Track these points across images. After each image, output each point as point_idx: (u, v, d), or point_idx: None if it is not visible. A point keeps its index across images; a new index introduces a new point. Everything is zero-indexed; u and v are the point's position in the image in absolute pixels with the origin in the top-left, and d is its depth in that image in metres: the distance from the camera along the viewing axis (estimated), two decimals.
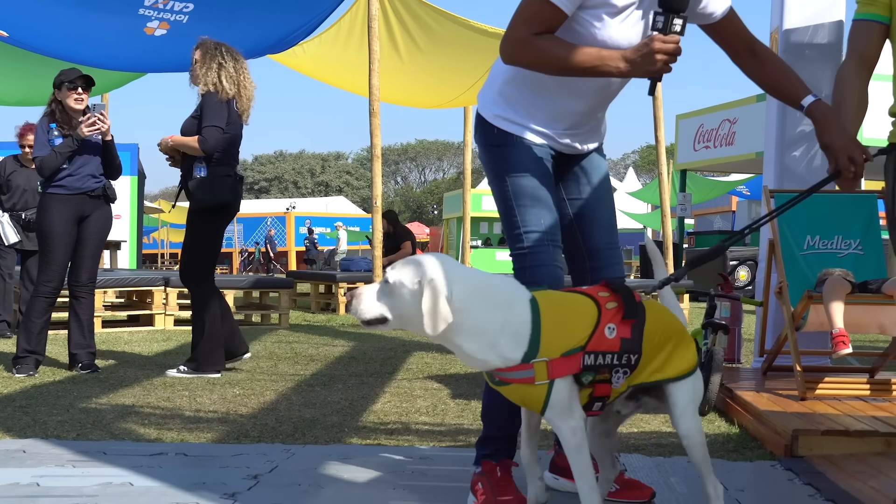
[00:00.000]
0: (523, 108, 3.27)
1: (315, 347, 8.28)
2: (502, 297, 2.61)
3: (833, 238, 5.50)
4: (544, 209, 3.24)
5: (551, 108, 3.26)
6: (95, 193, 6.65)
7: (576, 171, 3.43)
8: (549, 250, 3.22)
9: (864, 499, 3.24)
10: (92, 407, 5.14)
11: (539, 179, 3.25)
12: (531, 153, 3.27)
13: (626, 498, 3.25)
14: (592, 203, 3.42)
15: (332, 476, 3.60)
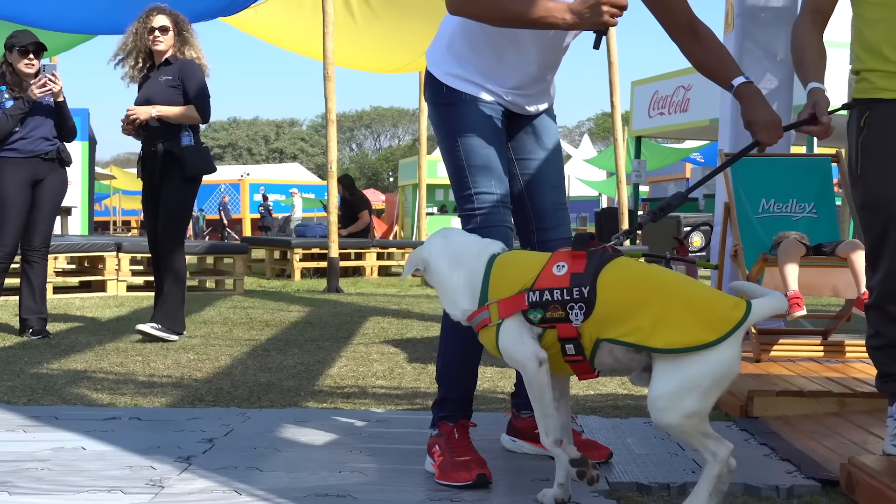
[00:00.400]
0: (472, 64, 3.24)
1: (270, 313, 8.23)
2: (467, 259, 2.82)
3: (788, 201, 5.53)
4: (494, 170, 3.23)
5: (500, 64, 3.23)
6: (49, 156, 6.54)
7: (525, 132, 3.40)
8: (500, 211, 3.23)
9: (818, 458, 3.27)
10: (43, 372, 5.07)
11: (489, 139, 3.24)
12: (481, 112, 3.25)
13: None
14: (541, 164, 3.40)
15: (289, 439, 3.58)
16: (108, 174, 35.86)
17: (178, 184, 6.38)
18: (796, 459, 3.27)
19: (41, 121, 6.50)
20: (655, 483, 3.00)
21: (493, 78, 3.25)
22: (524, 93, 3.31)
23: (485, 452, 3.14)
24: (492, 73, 3.25)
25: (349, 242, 13.05)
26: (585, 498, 2.86)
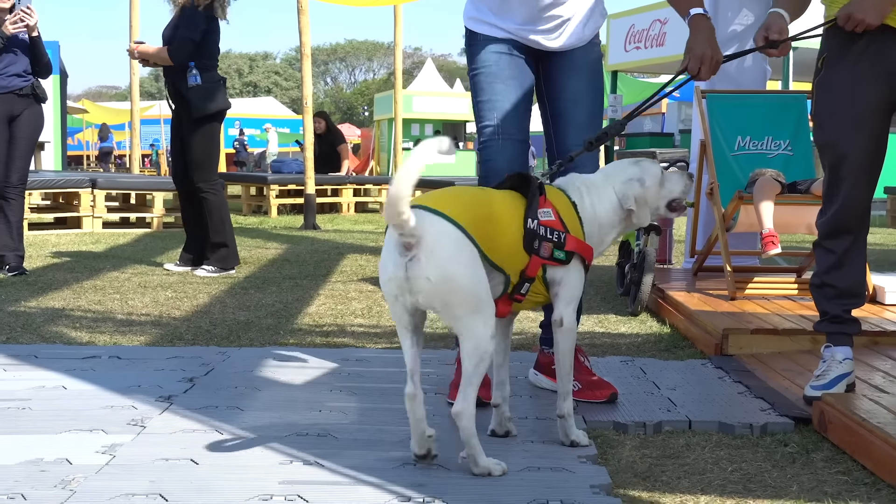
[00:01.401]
0: (484, 3, 3.42)
1: (248, 250, 8.21)
2: None
3: (763, 139, 5.55)
4: (497, 104, 3.37)
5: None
6: (24, 92, 6.50)
7: (555, 70, 3.50)
8: (499, 143, 3.37)
9: (791, 397, 3.31)
10: (21, 310, 5.06)
11: (498, 76, 3.39)
12: (493, 50, 3.40)
13: (588, 398, 3.31)
14: (567, 104, 3.48)
15: (269, 378, 3.59)
16: (80, 108, 35.43)
17: (192, 123, 6.59)
18: (770, 398, 3.32)
19: (15, 57, 6.45)
20: (631, 421, 3.04)
21: (503, 15, 3.39)
22: (537, 27, 3.39)
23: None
24: (500, 9, 3.39)
25: (325, 179, 12.99)
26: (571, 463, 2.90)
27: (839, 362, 3.24)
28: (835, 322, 3.30)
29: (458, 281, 2.46)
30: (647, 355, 4.17)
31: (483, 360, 2.50)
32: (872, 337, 4.04)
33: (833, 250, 3.26)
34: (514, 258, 2.66)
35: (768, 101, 5.66)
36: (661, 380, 3.62)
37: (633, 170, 2.92)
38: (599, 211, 2.84)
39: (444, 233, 2.47)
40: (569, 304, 2.78)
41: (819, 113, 3.28)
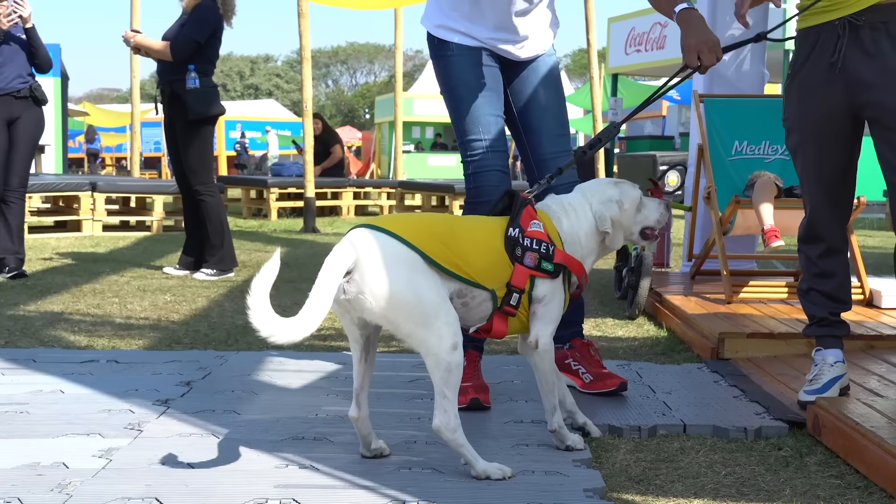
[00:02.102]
0: (455, 10, 3.39)
1: (247, 253, 8.23)
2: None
3: (760, 143, 5.56)
4: (482, 118, 3.38)
5: (470, 3, 3.36)
6: (22, 94, 6.46)
7: (521, 80, 3.53)
8: (489, 156, 3.39)
9: (786, 401, 3.33)
10: (20, 314, 5.07)
11: (477, 87, 3.38)
12: (469, 61, 3.39)
13: (599, 388, 3.41)
14: (538, 113, 3.52)
15: (266, 382, 3.61)
16: (81, 110, 35.47)
17: (186, 126, 6.51)
18: (765, 401, 3.34)
19: (12, 56, 6.40)
20: (626, 425, 3.06)
21: (475, 22, 3.38)
22: (509, 36, 3.41)
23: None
24: (472, 16, 3.38)
25: (325, 182, 13.00)
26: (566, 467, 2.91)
27: (830, 365, 3.26)
28: (823, 325, 3.33)
29: (396, 296, 2.46)
30: (644, 359, 4.19)
31: (450, 372, 2.50)
32: (868, 341, 4.06)
33: (809, 256, 3.32)
34: (497, 270, 2.67)
35: (766, 105, 5.67)
36: (657, 384, 3.63)
37: (612, 191, 2.92)
38: (579, 232, 2.85)
39: (380, 248, 2.48)
40: (547, 325, 2.78)
41: (785, 118, 3.32)
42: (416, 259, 2.51)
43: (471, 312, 2.71)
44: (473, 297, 2.65)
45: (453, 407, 2.53)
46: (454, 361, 2.50)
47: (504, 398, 3.41)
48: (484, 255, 2.65)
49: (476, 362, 3.43)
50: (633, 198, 2.93)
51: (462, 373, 2.56)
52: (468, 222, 2.75)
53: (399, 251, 2.49)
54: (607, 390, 3.40)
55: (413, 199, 12.99)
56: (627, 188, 2.95)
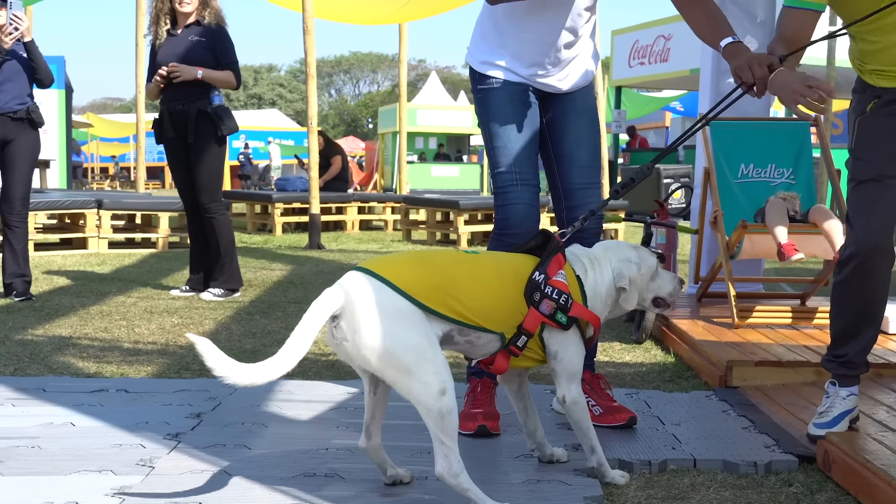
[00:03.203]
0: (500, 46, 3.48)
1: (253, 271, 8.24)
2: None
3: (767, 167, 5.58)
4: (514, 151, 3.46)
5: (523, 38, 3.44)
6: (18, 115, 6.40)
7: (559, 111, 3.59)
8: (518, 189, 3.46)
9: (795, 433, 3.33)
10: (28, 339, 5.08)
11: (513, 121, 3.47)
12: (508, 95, 3.48)
13: (609, 422, 3.44)
14: (571, 144, 3.58)
15: (276, 414, 3.62)
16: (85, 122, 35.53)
17: (213, 143, 6.55)
18: (774, 434, 3.34)
19: (12, 74, 6.36)
20: (637, 459, 3.06)
21: (519, 57, 3.46)
22: (551, 70, 3.49)
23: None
24: (518, 52, 3.46)
25: (330, 196, 13.03)
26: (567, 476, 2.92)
27: (843, 398, 3.25)
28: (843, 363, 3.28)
29: (376, 345, 2.48)
30: (652, 386, 4.19)
31: (443, 418, 2.51)
32: (876, 369, 4.05)
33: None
34: (504, 313, 2.68)
35: (772, 129, 5.69)
36: (666, 414, 3.64)
37: (631, 252, 2.98)
38: (601, 287, 2.89)
39: (366, 295, 2.49)
40: (570, 381, 2.83)
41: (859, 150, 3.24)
42: (402, 305, 2.51)
43: (477, 350, 2.75)
44: (478, 336, 2.68)
45: (453, 452, 2.54)
46: (444, 407, 2.50)
47: (513, 430, 3.41)
48: (490, 298, 2.67)
49: (490, 389, 3.47)
50: (650, 265, 2.98)
51: (457, 416, 2.56)
52: (478, 264, 2.76)
53: (384, 297, 2.50)
54: (617, 424, 3.41)
55: (418, 214, 13.01)
56: (645, 254, 3.00)
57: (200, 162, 6.54)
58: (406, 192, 16.96)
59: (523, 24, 3.43)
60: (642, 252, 3.00)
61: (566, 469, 2.80)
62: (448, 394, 2.51)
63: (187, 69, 6.40)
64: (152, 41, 6.68)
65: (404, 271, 2.57)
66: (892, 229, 3.17)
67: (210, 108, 6.49)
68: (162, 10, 6.54)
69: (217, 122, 6.49)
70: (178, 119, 6.53)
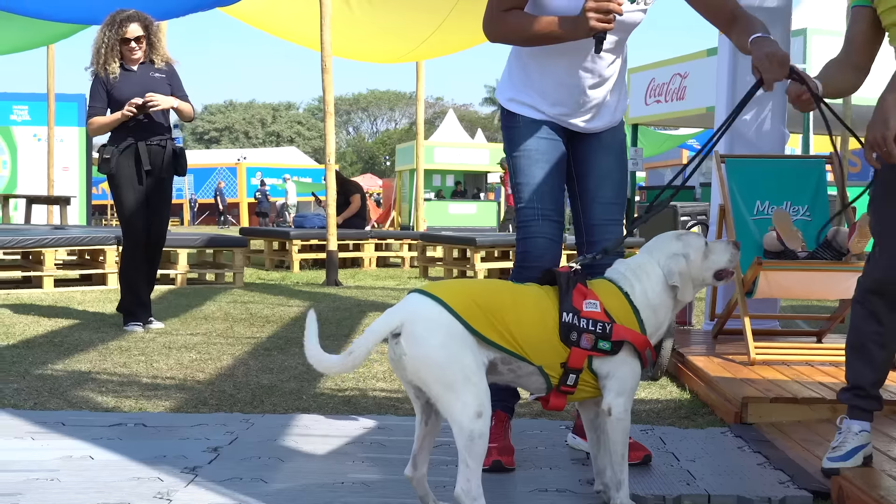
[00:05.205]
0: (527, 86, 3.54)
1: (270, 308, 8.29)
2: None
3: (782, 203, 5.59)
4: (538, 186, 3.51)
5: (547, 80, 3.50)
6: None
7: (585, 149, 3.64)
8: (539, 223, 3.51)
9: (810, 469, 3.34)
10: (48, 373, 5.13)
11: (538, 158, 3.52)
12: (534, 132, 3.54)
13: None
14: (596, 180, 3.62)
15: (292, 448, 3.64)
16: None
17: (170, 180, 6.91)
18: (789, 469, 3.35)
19: None
20: (651, 494, 3.07)
21: (545, 96, 3.52)
22: (576, 110, 3.54)
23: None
24: (543, 91, 3.52)
25: (347, 233, 13.10)
26: None
27: (856, 434, 3.26)
28: (859, 396, 3.30)
29: (426, 358, 2.60)
30: (667, 423, 4.20)
31: (473, 441, 2.58)
32: (891, 406, 4.05)
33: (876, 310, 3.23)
34: (547, 350, 2.72)
35: (787, 166, 5.72)
36: (681, 450, 3.65)
37: (676, 245, 2.96)
38: (651, 295, 2.88)
39: (423, 313, 2.64)
40: (619, 395, 2.82)
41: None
42: (454, 325, 2.63)
43: (522, 380, 2.81)
44: (519, 366, 2.72)
45: (476, 476, 2.59)
46: (476, 430, 2.57)
47: (528, 464, 3.44)
48: (534, 332, 2.73)
49: (504, 423, 3.49)
50: (699, 247, 2.96)
51: (487, 442, 2.61)
52: (524, 296, 2.80)
53: (440, 317, 2.63)
54: (632, 462, 3.40)
55: (435, 251, 13.05)
56: (691, 239, 2.99)
57: (166, 198, 6.91)
58: (423, 229, 17.05)
59: (545, 65, 3.48)
60: (687, 238, 2.99)
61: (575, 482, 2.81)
62: (483, 418, 2.58)
63: (165, 99, 6.69)
64: (103, 77, 6.73)
65: (460, 297, 2.67)
66: None
67: (177, 148, 6.87)
68: (110, 46, 6.68)
69: (182, 161, 6.87)
70: (153, 154, 6.74)
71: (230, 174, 41.88)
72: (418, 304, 2.66)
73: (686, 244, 2.96)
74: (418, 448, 2.80)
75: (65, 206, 15.11)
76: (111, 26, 6.68)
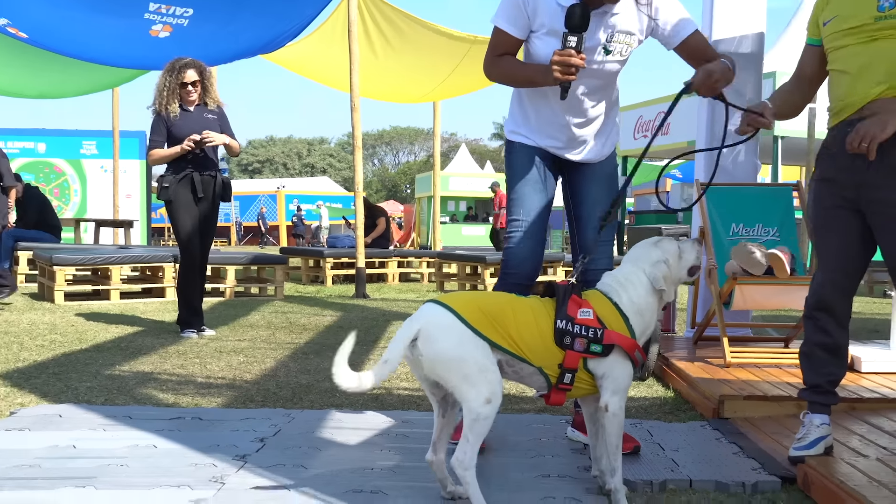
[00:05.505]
0: (524, 121, 3.60)
1: (307, 317, 8.33)
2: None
3: (755, 226, 5.62)
4: (525, 204, 3.56)
5: (538, 117, 3.54)
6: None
7: (577, 176, 3.67)
8: (521, 237, 3.55)
9: (779, 458, 3.36)
10: (116, 374, 5.18)
11: (528, 179, 3.57)
12: (526, 157, 3.58)
13: None
14: (587, 205, 3.65)
15: (328, 439, 3.68)
16: None
17: (219, 205, 7.02)
18: (760, 458, 3.36)
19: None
20: (640, 479, 3.09)
21: (538, 130, 3.57)
22: (567, 144, 3.58)
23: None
24: (539, 128, 3.57)
25: (373, 252, 13.14)
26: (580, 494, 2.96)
27: (817, 426, 3.28)
28: (817, 392, 3.34)
29: (444, 355, 2.64)
30: (654, 417, 4.22)
31: (477, 422, 2.62)
32: (850, 403, 4.07)
33: (820, 324, 3.29)
34: (545, 352, 2.75)
35: (759, 192, 5.74)
36: (666, 441, 3.67)
37: (656, 252, 2.97)
38: (637, 301, 2.89)
39: (436, 319, 2.68)
40: (614, 394, 2.82)
41: (807, 207, 3.38)
42: (465, 331, 2.67)
43: (525, 379, 2.83)
44: (521, 367, 2.75)
45: (472, 450, 2.64)
46: (483, 413, 2.62)
47: (532, 453, 3.46)
48: (532, 337, 2.75)
49: None
50: (674, 251, 2.98)
51: (490, 424, 2.65)
52: (522, 306, 2.82)
53: (451, 323, 2.67)
54: (624, 452, 3.42)
55: (450, 268, 13.09)
56: (666, 244, 3.00)
57: (214, 219, 7.01)
58: (440, 248, 17.08)
59: (538, 105, 3.52)
60: (663, 244, 3.00)
61: (579, 488, 2.83)
62: (492, 404, 2.62)
63: (218, 136, 6.79)
64: (164, 115, 6.82)
65: (468, 306, 2.71)
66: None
67: (225, 179, 6.99)
68: (171, 89, 6.80)
69: (228, 190, 6.99)
70: (206, 183, 6.85)
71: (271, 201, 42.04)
72: (433, 312, 2.70)
73: (664, 250, 2.98)
74: (437, 437, 2.83)
75: (128, 229, 15.18)
76: (171, 72, 6.79)
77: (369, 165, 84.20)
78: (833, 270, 3.27)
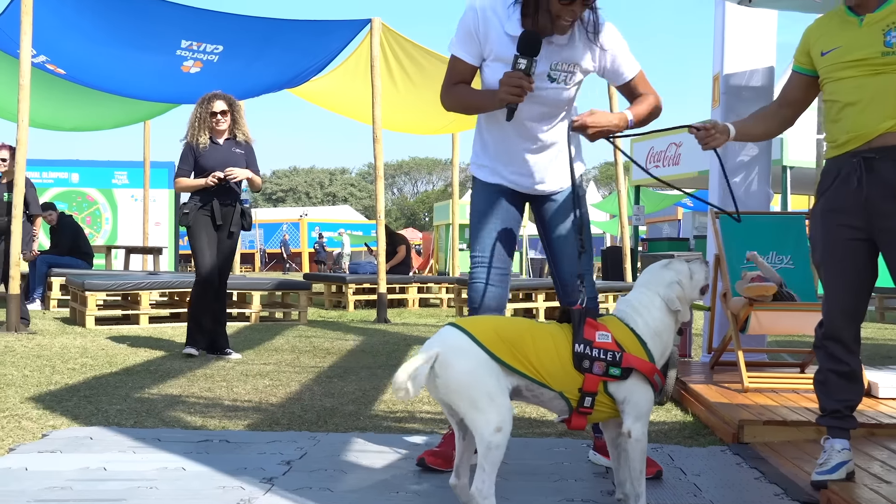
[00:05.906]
0: (484, 151, 3.56)
1: (330, 341, 8.28)
2: None
3: (768, 253, 5.54)
4: (485, 239, 3.53)
5: (496, 145, 3.50)
6: None
7: (543, 211, 3.63)
8: (482, 270, 3.51)
9: (800, 482, 3.27)
10: (145, 397, 5.13)
11: (489, 213, 3.54)
12: (488, 192, 3.55)
13: None
14: (559, 239, 3.60)
15: (353, 462, 3.61)
16: None
17: (237, 234, 7.02)
18: (782, 483, 3.28)
19: None
20: None
21: (496, 160, 3.52)
22: (525, 172, 3.51)
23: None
24: (495, 154, 3.52)
25: (395, 278, 13.10)
26: None
27: (838, 451, 3.20)
28: (835, 417, 3.26)
29: (456, 380, 2.59)
30: (674, 442, 4.13)
31: (490, 450, 2.56)
32: (869, 429, 3.97)
33: (832, 352, 3.24)
34: (565, 377, 2.69)
35: (772, 221, 5.67)
36: (687, 466, 3.58)
37: (669, 274, 2.92)
38: (654, 324, 2.83)
39: (453, 344, 2.63)
40: (637, 420, 2.76)
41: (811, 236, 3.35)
42: (480, 354, 2.60)
43: (546, 404, 2.77)
44: (542, 392, 2.69)
45: (490, 479, 2.58)
46: (494, 442, 2.55)
47: (555, 477, 3.38)
48: (551, 361, 2.69)
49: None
50: (685, 271, 2.93)
51: (503, 452, 2.59)
52: (541, 331, 2.76)
53: (469, 347, 2.61)
54: (647, 477, 3.34)
55: None
56: (677, 265, 2.96)
57: (232, 247, 7.03)
58: (458, 274, 17.02)
59: (493, 132, 3.49)
60: (674, 265, 2.95)
61: None
62: (503, 433, 2.56)
63: (241, 172, 6.85)
64: (194, 146, 6.88)
65: (486, 331, 2.66)
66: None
67: (245, 208, 7.01)
68: (202, 120, 6.86)
69: (249, 218, 7.01)
70: (225, 212, 6.89)
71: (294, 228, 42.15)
72: (451, 336, 2.65)
73: (677, 271, 2.93)
74: (459, 461, 2.76)
75: (157, 256, 15.20)
76: (202, 103, 6.90)
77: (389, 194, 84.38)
78: (842, 300, 3.21)
